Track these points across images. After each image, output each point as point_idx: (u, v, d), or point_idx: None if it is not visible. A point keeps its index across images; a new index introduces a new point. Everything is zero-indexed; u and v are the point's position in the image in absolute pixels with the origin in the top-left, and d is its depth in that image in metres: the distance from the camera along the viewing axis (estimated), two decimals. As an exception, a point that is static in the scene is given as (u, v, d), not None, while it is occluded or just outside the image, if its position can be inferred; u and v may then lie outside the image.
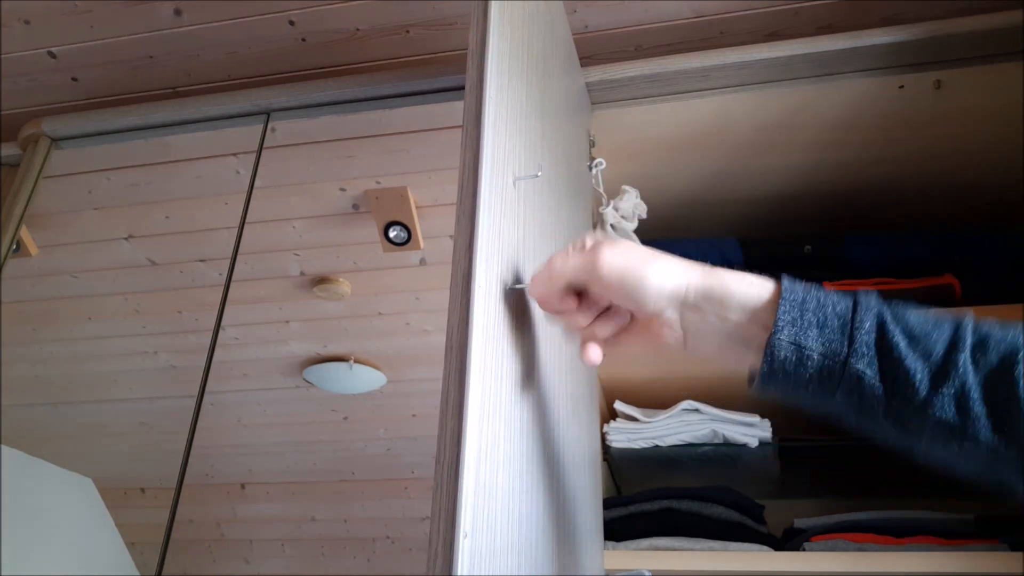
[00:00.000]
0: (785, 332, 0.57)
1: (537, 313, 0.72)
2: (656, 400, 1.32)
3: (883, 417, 0.56)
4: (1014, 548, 1.09)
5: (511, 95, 0.75)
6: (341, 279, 1.42)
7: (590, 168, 1.18)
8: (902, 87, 1.21)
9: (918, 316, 0.57)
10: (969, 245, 1.28)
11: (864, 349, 0.55)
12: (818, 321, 0.57)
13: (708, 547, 1.17)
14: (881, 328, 0.56)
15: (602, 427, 1.28)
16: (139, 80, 1.58)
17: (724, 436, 1.25)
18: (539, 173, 0.80)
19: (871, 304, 0.57)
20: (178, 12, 1.45)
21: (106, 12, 1.46)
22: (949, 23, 1.16)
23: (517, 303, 0.68)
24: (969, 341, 0.55)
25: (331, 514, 1.42)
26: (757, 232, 1.46)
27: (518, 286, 0.68)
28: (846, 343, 0.56)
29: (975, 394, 0.53)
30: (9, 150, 1.50)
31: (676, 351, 0.64)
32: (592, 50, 1.40)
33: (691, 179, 1.42)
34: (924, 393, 0.54)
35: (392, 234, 1.38)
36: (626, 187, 1.26)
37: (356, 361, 1.40)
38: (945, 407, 0.53)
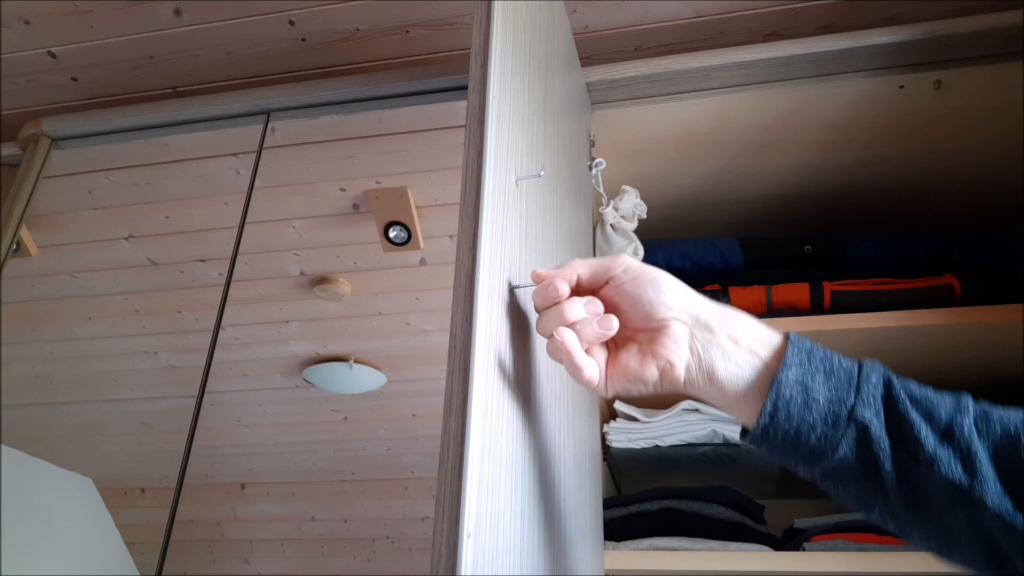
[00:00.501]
0: (793, 371, 0.56)
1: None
2: (656, 400, 1.32)
3: (887, 472, 0.54)
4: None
5: (514, 95, 0.75)
6: (341, 279, 1.42)
7: (590, 168, 1.18)
8: (902, 87, 1.21)
9: (919, 385, 0.56)
10: (969, 245, 1.28)
11: (871, 400, 0.55)
12: (825, 369, 0.56)
13: (708, 547, 1.17)
14: (888, 385, 0.56)
15: (602, 427, 1.28)
16: (139, 80, 1.58)
17: (724, 436, 1.25)
18: (542, 172, 0.80)
19: (876, 365, 0.57)
20: (178, 12, 1.45)
21: (106, 12, 1.46)
22: (949, 23, 1.16)
23: (520, 303, 0.68)
24: (972, 411, 0.54)
25: (331, 514, 1.42)
26: (757, 232, 1.46)
27: (520, 286, 0.67)
28: (853, 392, 0.55)
29: (982, 456, 0.52)
30: (9, 150, 1.50)
31: (669, 385, 0.60)
32: (592, 50, 1.40)
33: (691, 179, 1.42)
34: (930, 449, 0.53)
35: (392, 234, 1.38)
36: (626, 187, 1.26)
37: (356, 361, 1.39)
38: (952, 465, 0.52)
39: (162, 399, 1.49)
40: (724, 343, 0.58)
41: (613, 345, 0.64)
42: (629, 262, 0.62)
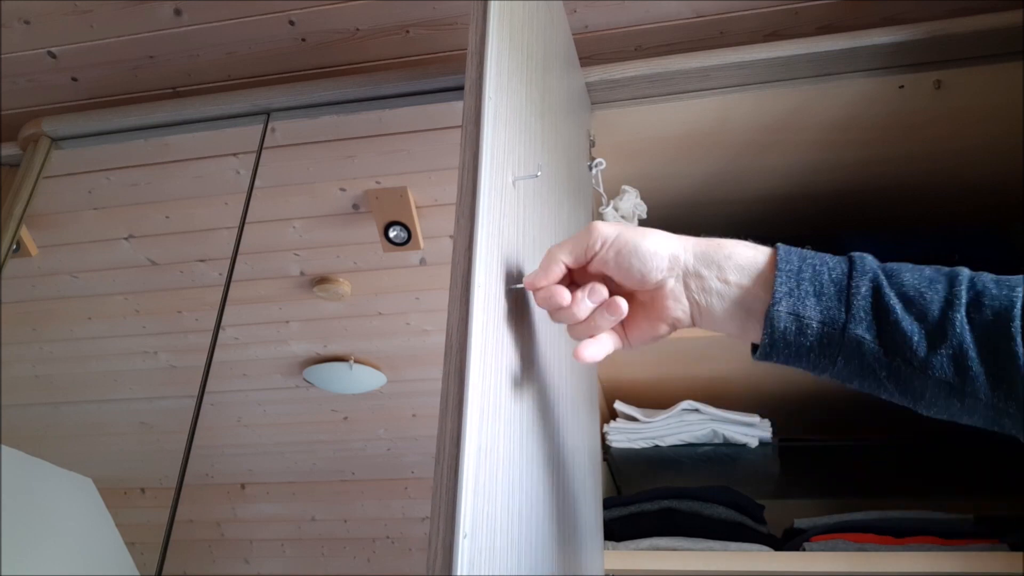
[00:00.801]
0: (783, 303, 0.57)
1: (537, 313, 0.72)
2: (656, 400, 1.32)
3: (885, 379, 0.56)
4: (1014, 548, 1.10)
5: (511, 95, 0.75)
6: (341, 279, 1.42)
7: (590, 168, 1.18)
8: (902, 87, 1.21)
9: (913, 275, 0.57)
10: (969, 245, 1.28)
11: (862, 314, 0.56)
12: (815, 290, 0.57)
13: (708, 547, 1.17)
14: (877, 292, 0.56)
15: (602, 427, 1.28)
16: (139, 80, 1.58)
17: (724, 436, 1.25)
18: (539, 173, 0.80)
19: (866, 267, 0.58)
20: (178, 12, 1.45)
21: (106, 12, 1.46)
22: (949, 23, 1.16)
23: (517, 303, 0.68)
24: (964, 299, 0.55)
25: (331, 514, 1.42)
26: (757, 232, 1.44)
27: (517, 286, 0.67)
28: (844, 309, 0.56)
29: (972, 352, 0.53)
30: (9, 150, 1.50)
31: (686, 326, 0.63)
32: (592, 50, 1.40)
33: (691, 179, 1.42)
34: (923, 354, 0.54)
35: (392, 234, 1.38)
36: (626, 187, 1.26)
37: (356, 361, 1.39)
38: (944, 367, 0.54)
39: (162, 399, 1.50)
40: (716, 285, 0.61)
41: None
42: (604, 233, 0.62)
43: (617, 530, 1.22)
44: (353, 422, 1.44)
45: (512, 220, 0.71)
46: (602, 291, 0.63)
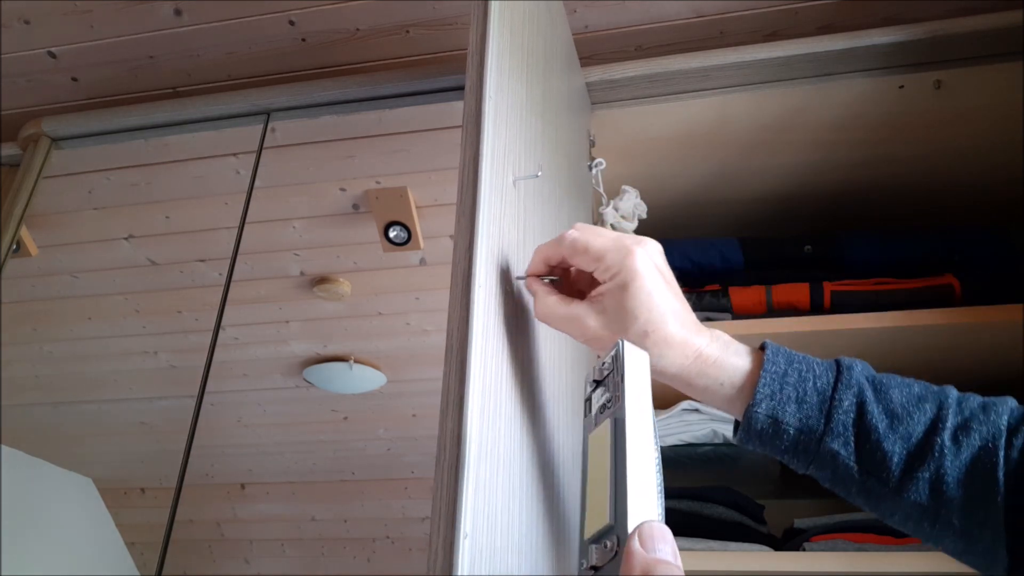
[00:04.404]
0: (763, 406, 0.57)
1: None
2: (656, 400, 1.32)
3: (856, 494, 0.56)
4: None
5: (511, 95, 0.75)
6: (341, 279, 1.42)
7: (590, 168, 1.18)
8: (902, 87, 1.21)
9: (901, 391, 0.56)
10: (969, 245, 1.28)
11: (840, 428, 0.56)
12: (797, 396, 0.57)
13: (708, 547, 1.17)
14: (861, 407, 0.56)
15: (602, 427, 1.28)
16: (139, 80, 1.58)
17: (724, 436, 1.25)
18: (539, 173, 0.80)
19: (852, 380, 0.57)
20: (178, 12, 1.45)
21: (106, 12, 1.46)
22: (949, 23, 1.16)
23: (517, 302, 0.68)
24: (950, 423, 0.54)
25: (331, 514, 1.42)
26: (757, 232, 1.46)
27: (518, 278, 0.68)
28: (823, 421, 0.56)
29: (951, 478, 0.52)
30: (9, 150, 1.50)
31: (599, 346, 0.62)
32: (592, 50, 1.40)
33: (691, 179, 1.42)
34: (898, 476, 0.54)
35: (392, 234, 1.38)
36: (626, 187, 1.26)
37: (356, 361, 1.40)
38: (920, 490, 0.53)
39: (162, 399, 1.50)
40: (699, 375, 0.60)
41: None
42: (579, 229, 0.61)
43: (617, 530, 1.22)
44: (353, 422, 1.44)
45: (512, 220, 0.71)
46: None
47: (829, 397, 0.56)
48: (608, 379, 0.55)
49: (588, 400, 0.57)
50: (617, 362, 0.54)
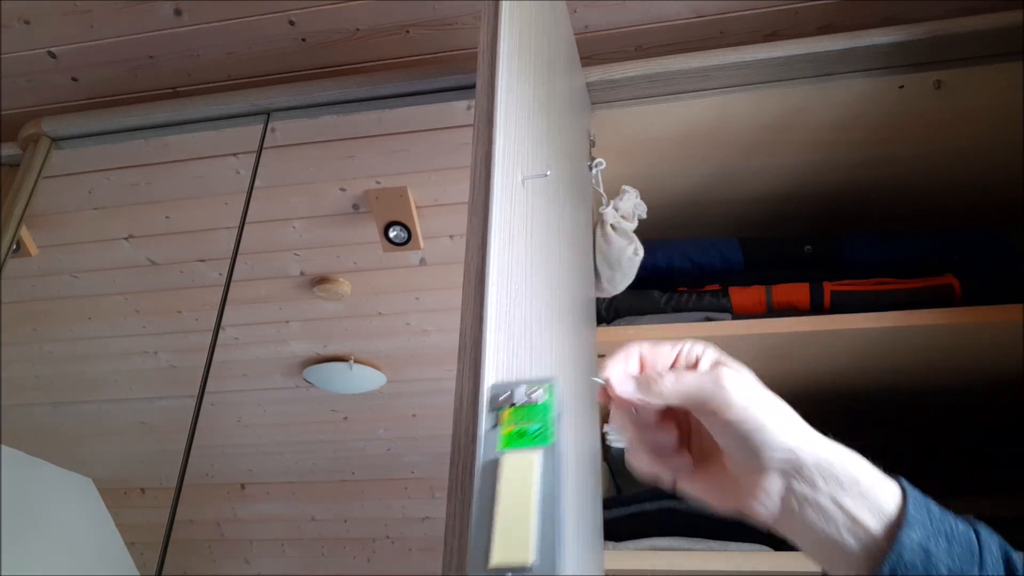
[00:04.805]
0: (917, 531, 0.49)
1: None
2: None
3: None
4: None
5: (520, 94, 0.75)
6: (341, 279, 1.42)
7: (590, 168, 1.18)
8: (902, 87, 1.21)
9: None
10: (969, 245, 1.28)
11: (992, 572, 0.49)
12: (947, 533, 0.50)
13: (708, 547, 1.17)
14: (1008, 560, 0.51)
15: (602, 427, 1.28)
16: (139, 80, 1.58)
17: (724, 436, 1.24)
18: (548, 172, 0.80)
19: (989, 529, 0.52)
20: (178, 12, 1.45)
21: (106, 12, 1.46)
22: (949, 23, 1.16)
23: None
24: None
25: (331, 514, 1.42)
26: (757, 232, 1.45)
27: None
28: (976, 565, 0.49)
29: None
30: (9, 150, 1.50)
31: (759, 519, 0.54)
32: (592, 50, 1.40)
33: (691, 179, 1.42)
34: None
35: (392, 234, 1.38)
36: (626, 187, 1.26)
37: (356, 361, 1.39)
38: None
39: (162, 399, 1.50)
40: (826, 504, 0.51)
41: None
42: (736, 386, 0.51)
43: (617, 530, 1.22)
44: (353, 422, 1.44)
45: (521, 219, 0.71)
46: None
47: (975, 540, 0.51)
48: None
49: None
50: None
